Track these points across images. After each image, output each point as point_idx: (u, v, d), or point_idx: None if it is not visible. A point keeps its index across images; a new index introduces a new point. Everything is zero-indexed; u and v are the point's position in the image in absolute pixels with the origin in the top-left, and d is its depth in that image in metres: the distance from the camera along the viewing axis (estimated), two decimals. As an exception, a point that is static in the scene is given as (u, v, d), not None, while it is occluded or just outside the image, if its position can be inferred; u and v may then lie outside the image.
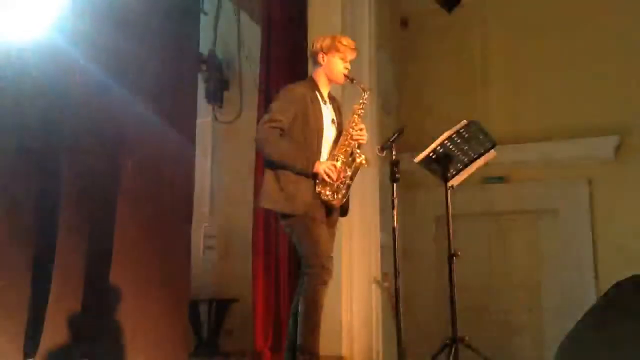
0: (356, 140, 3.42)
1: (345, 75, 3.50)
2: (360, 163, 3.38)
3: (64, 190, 4.68)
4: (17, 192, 4.73)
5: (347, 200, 3.46)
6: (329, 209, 3.39)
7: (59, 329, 4.43)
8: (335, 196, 3.35)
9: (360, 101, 3.48)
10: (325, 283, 3.26)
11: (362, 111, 3.48)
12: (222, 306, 5.89)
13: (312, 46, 3.57)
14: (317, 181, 3.31)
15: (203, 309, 5.84)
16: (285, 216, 3.34)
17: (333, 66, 3.49)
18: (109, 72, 4.91)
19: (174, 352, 4.46)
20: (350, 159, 3.39)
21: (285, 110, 3.36)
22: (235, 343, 5.97)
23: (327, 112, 3.48)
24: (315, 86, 3.50)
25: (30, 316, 4.59)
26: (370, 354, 5.13)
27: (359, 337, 5.09)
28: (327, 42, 3.50)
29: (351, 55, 3.53)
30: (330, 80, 3.53)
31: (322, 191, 3.31)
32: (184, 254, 4.79)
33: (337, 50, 3.48)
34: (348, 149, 3.41)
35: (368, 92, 3.53)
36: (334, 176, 3.30)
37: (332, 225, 3.46)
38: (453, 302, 3.91)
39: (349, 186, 3.39)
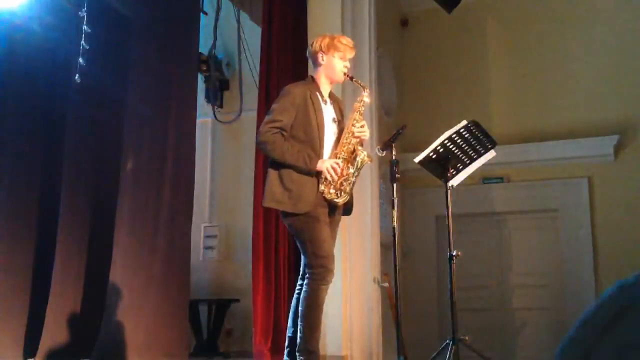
0: (358, 137, 3.42)
1: (344, 74, 3.51)
2: (363, 160, 3.38)
3: (64, 191, 4.69)
4: (18, 193, 4.74)
5: (351, 199, 3.46)
6: (331, 208, 3.39)
7: (59, 329, 4.44)
8: (339, 195, 3.34)
9: (360, 99, 3.48)
10: (326, 283, 3.26)
11: (363, 108, 3.48)
12: (222, 306, 5.89)
13: (312, 46, 3.56)
14: (321, 180, 3.31)
15: (203, 309, 5.84)
16: (287, 215, 3.33)
17: (333, 65, 3.49)
18: (109, 72, 4.91)
19: (173, 352, 4.46)
20: (352, 156, 3.39)
21: (286, 110, 3.36)
22: (235, 343, 5.98)
23: (328, 111, 3.48)
24: (315, 86, 3.50)
25: (30, 316, 4.60)
26: (370, 354, 5.13)
27: (359, 337, 5.09)
28: (326, 41, 3.50)
29: (350, 54, 3.54)
30: (330, 80, 3.54)
31: (326, 190, 3.31)
32: (184, 254, 4.79)
33: (337, 50, 3.48)
34: (350, 146, 3.40)
35: (368, 90, 3.53)
36: (338, 173, 3.29)
37: (334, 225, 3.46)
38: (453, 302, 3.90)
39: (352, 184, 3.39)
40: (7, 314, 4.47)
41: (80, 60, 4.48)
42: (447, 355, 3.71)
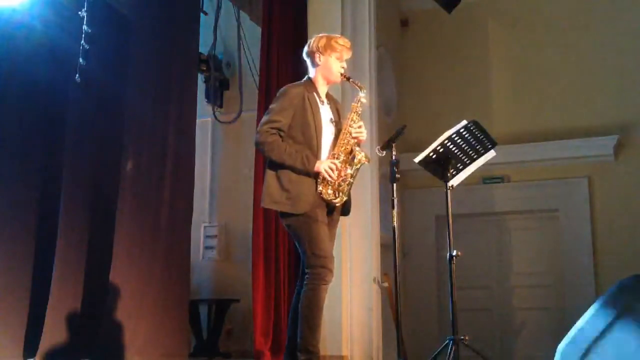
0: (355, 137, 3.42)
1: (341, 75, 3.50)
2: (360, 160, 3.37)
3: (65, 191, 4.69)
4: (18, 193, 4.74)
5: (349, 199, 3.46)
6: (330, 208, 3.39)
7: (59, 329, 4.44)
8: (337, 195, 3.34)
9: (358, 99, 3.48)
10: (326, 283, 3.25)
11: (360, 109, 3.48)
12: (222, 306, 5.89)
13: (308, 47, 3.56)
14: (319, 181, 3.31)
15: (203, 309, 5.84)
16: (286, 215, 3.33)
17: (330, 66, 3.48)
18: (109, 72, 4.91)
19: (173, 352, 4.46)
20: (350, 157, 3.39)
21: (284, 110, 3.36)
22: (235, 343, 5.98)
23: (325, 112, 3.48)
24: (312, 86, 3.50)
25: (30, 316, 4.60)
26: (370, 354, 5.13)
27: (359, 337, 5.09)
28: (322, 42, 3.49)
29: (347, 55, 3.53)
30: (327, 80, 3.53)
31: (324, 190, 3.31)
32: (184, 253, 4.79)
33: (333, 50, 3.47)
34: (347, 147, 3.40)
35: (365, 90, 3.53)
36: (335, 174, 3.29)
37: (333, 225, 3.46)
38: (453, 302, 3.90)
39: (350, 184, 3.38)
40: (7, 314, 4.47)
41: (80, 60, 4.49)
42: (447, 355, 3.71)
